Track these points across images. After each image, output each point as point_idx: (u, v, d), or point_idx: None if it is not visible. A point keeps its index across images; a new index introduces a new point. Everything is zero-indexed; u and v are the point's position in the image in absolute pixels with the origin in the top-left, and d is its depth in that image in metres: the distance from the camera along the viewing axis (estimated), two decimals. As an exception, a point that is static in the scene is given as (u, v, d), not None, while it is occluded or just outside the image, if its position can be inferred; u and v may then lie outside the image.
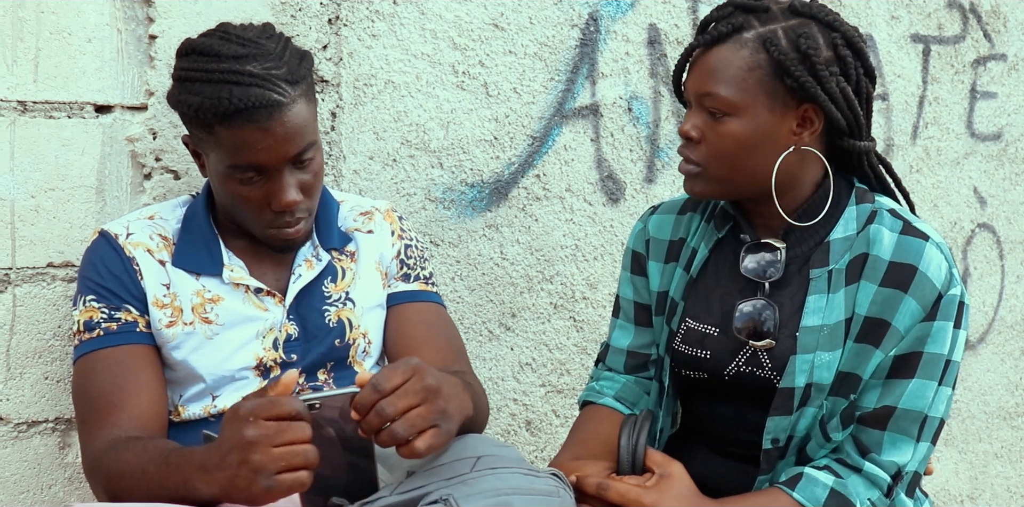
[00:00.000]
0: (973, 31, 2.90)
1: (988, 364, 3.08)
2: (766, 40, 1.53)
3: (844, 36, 1.56)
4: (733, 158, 1.56)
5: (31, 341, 1.79)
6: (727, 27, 1.55)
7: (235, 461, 1.23)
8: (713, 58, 1.55)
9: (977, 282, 3.02)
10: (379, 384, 1.28)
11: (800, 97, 1.54)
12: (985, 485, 3.14)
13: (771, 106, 1.54)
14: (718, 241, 1.70)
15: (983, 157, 2.98)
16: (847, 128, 1.58)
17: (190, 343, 1.62)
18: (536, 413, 2.35)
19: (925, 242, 1.56)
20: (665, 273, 1.75)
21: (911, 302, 1.53)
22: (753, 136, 1.55)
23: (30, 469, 1.81)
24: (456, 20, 2.14)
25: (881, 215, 1.60)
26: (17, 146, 1.74)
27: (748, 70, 1.53)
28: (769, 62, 1.53)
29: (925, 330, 1.54)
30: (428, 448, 1.29)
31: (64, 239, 1.79)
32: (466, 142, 2.19)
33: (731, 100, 1.53)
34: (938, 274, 1.54)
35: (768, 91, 1.53)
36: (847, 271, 1.58)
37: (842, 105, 1.55)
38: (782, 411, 1.59)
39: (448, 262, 2.21)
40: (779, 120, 1.55)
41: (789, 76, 1.52)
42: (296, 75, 1.55)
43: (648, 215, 1.81)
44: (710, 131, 1.57)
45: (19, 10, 1.72)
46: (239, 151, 1.52)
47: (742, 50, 1.53)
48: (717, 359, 1.65)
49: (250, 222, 1.62)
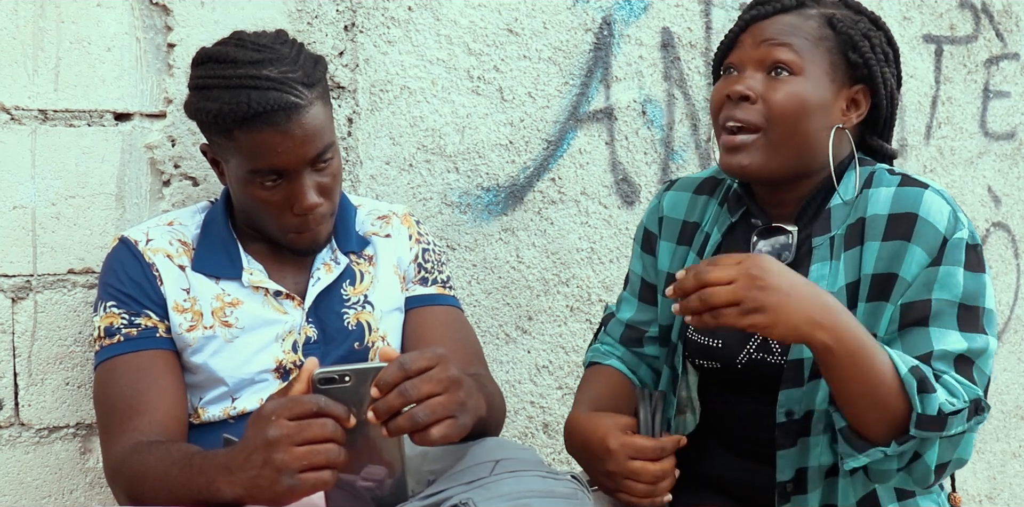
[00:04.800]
0: (985, 31, 2.90)
1: (1005, 363, 3.06)
2: (832, 17, 1.56)
3: (886, 35, 1.61)
4: (795, 119, 1.53)
5: (52, 347, 1.80)
6: (791, 2, 1.58)
7: (258, 461, 1.24)
8: (780, 22, 1.57)
9: (993, 281, 3.00)
10: (406, 363, 1.27)
11: (858, 76, 1.56)
12: (1003, 485, 3.13)
13: (832, 76, 1.55)
14: (731, 226, 1.69)
15: (997, 156, 2.98)
16: (883, 122, 1.61)
17: (210, 347, 1.63)
18: (553, 416, 2.36)
19: (924, 189, 1.53)
20: (676, 255, 1.74)
21: (916, 250, 1.50)
22: (814, 100, 1.54)
23: (51, 474, 1.83)
24: (471, 25, 2.15)
25: (879, 175, 1.59)
26: (38, 154, 1.76)
27: (817, 38, 1.55)
28: (836, 37, 1.56)
29: (931, 276, 1.50)
30: (442, 437, 1.27)
31: (85, 246, 1.81)
32: (482, 146, 2.20)
33: (801, 56, 1.54)
34: (940, 218, 1.51)
35: (832, 62, 1.55)
36: (846, 236, 1.56)
37: (887, 95, 1.58)
38: (793, 383, 1.56)
39: (465, 266, 2.22)
40: (835, 94, 1.56)
41: (855, 51, 1.55)
42: (312, 78, 1.56)
43: (663, 191, 1.81)
44: (771, 90, 1.54)
45: (40, 20, 1.74)
46: (259, 155, 1.54)
47: (809, 21, 1.56)
48: (729, 347, 1.63)
49: (271, 226, 1.63)
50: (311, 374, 1.29)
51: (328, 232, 1.67)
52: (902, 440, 1.44)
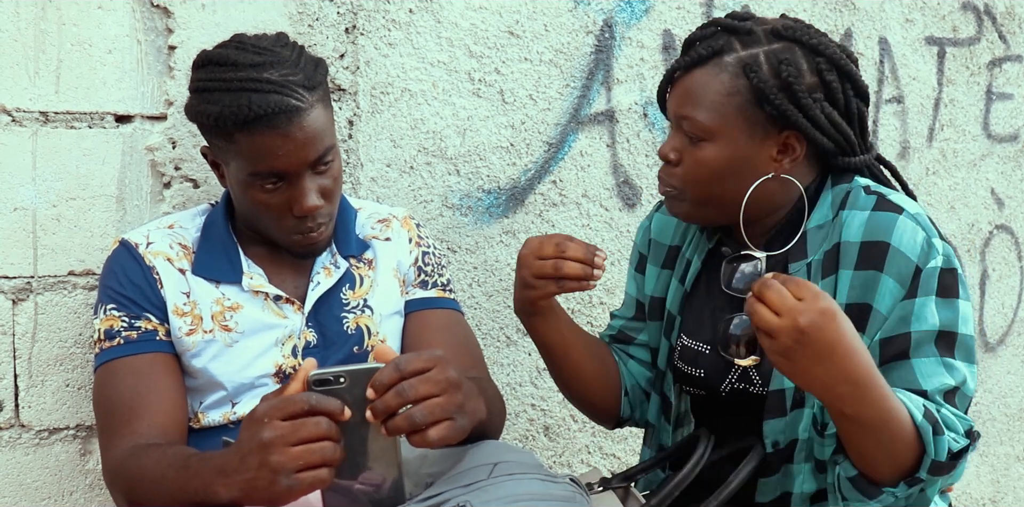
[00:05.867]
0: (988, 33, 2.89)
1: (1008, 366, 3.06)
2: (746, 66, 1.49)
3: (829, 60, 1.52)
4: (708, 184, 1.54)
5: (53, 349, 1.81)
6: (707, 50, 1.52)
7: (254, 463, 1.24)
8: (692, 81, 1.53)
9: (996, 284, 3.00)
10: (401, 364, 1.26)
11: (781, 124, 1.51)
12: (1007, 488, 3.12)
13: (750, 132, 1.51)
14: (710, 252, 1.69)
15: (1000, 158, 2.97)
16: (837, 150, 1.56)
17: (210, 351, 1.63)
18: (554, 418, 2.36)
19: (898, 215, 1.50)
20: (660, 278, 1.75)
21: (888, 281, 1.47)
22: (730, 162, 1.52)
23: (51, 476, 1.83)
24: (472, 28, 2.15)
25: (855, 195, 1.55)
26: (39, 156, 1.76)
27: (727, 95, 1.50)
28: (749, 88, 1.49)
29: (907, 309, 1.47)
30: (440, 439, 1.27)
31: (85, 248, 1.81)
32: (483, 149, 2.20)
33: (708, 125, 1.51)
34: (912, 247, 1.47)
35: (747, 117, 1.50)
36: (824, 263, 1.54)
37: (828, 130, 1.53)
38: (776, 413, 1.56)
39: (465, 268, 2.21)
40: (758, 147, 1.52)
41: (769, 104, 1.49)
42: (312, 81, 1.56)
43: (654, 211, 1.82)
44: (687, 155, 1.55)
45: (41, 22, 1.74)
46: (260, 158, 1.54)
47: (721, 74, 1.50)
48: (711, 377, 1.64)
49: (272, 229, 1.63)
50: (307, 375, 1.28)
51: (329, 235, 1.67)
52: (911, 482, 1.41)
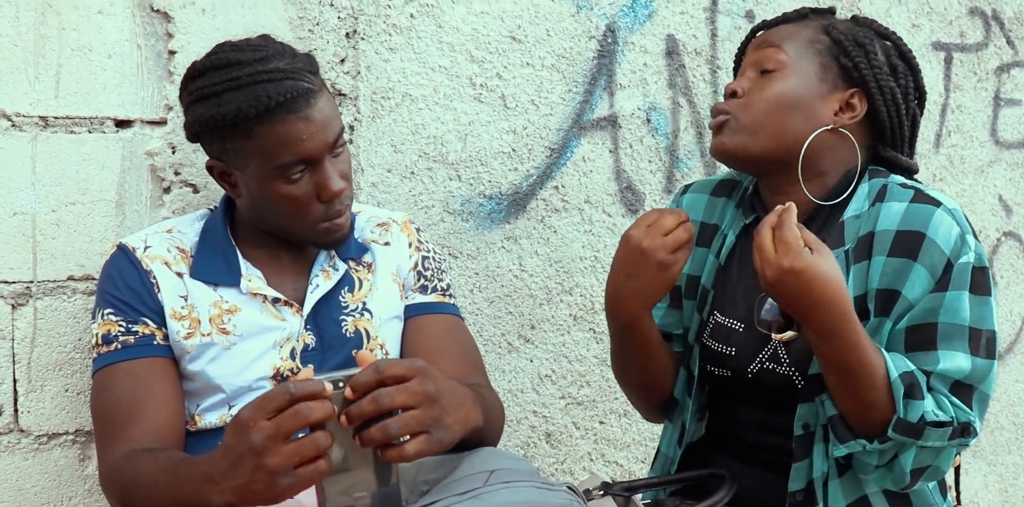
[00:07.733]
0: (996, 38, 2.88)
1: (1017, 375, 3.04)
2: (829, 25, 1.64)
3: (897, 47, 1.66)
4: (768, 113, 1.60)
5: (52, 354, 1.81)
6: (794, 13, 1.69)
7: (248, 468, 1.23)
8: (779, 29, 1.67)
9: (1004, 291, 2.98)
10: (381, 367, 1.26)
11: (851, 79, 1.61)
12: (1016, 497, 3.10)
13: (822, 76, 1.61)
14: (744, 228, 1.71)
15: (1008, 165, 2.96)
16: (889, 130, 1.63)
17: (208, 354, 1.63)
18: (556, 425, 2.35)
19: (936, 208, 1.55)
20: (696, 256, 1.75)
21: (920, 270, 1.52)
22: (795, 98, 1.60)
23: (50, 481, 1.83)
24: (473, 33, 2.15)
25: (891, 189, 1.60)
26: (39, 161, 1.76)
27: (809, 42, 1.63)
28: (829, 42, 1.62)
29: (937, 301, 1.52)
30: (417, 454, 1.26)
31: (85, 253, 1.81)
32: (484, 154, 2.19)
33: (787, 56, 1.62)
34: (947, 240, 1.52)
35: (822, 64, 1.61)
36: (856, 250, 1.58)
37: (888, 101, 1.61)
38: (808, 397, 1.59)
39: (467, 274, 2.21)
40: (825, 95, 1.61)
41: (845, 55, 1.60)
42: (313, 66, 1.62)
43: (680, 195, 1.84)
44: (755, 87, 1.62)
45: (41, 27, 1.74)
46: (284, 146, 1.55)
47: (806, 29, 1.64)
48: (742, 356, 1.66)
49: (298, 224, 1.63)
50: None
51: (350, 221, 1.69)
52: (881, 439, 1.50)
